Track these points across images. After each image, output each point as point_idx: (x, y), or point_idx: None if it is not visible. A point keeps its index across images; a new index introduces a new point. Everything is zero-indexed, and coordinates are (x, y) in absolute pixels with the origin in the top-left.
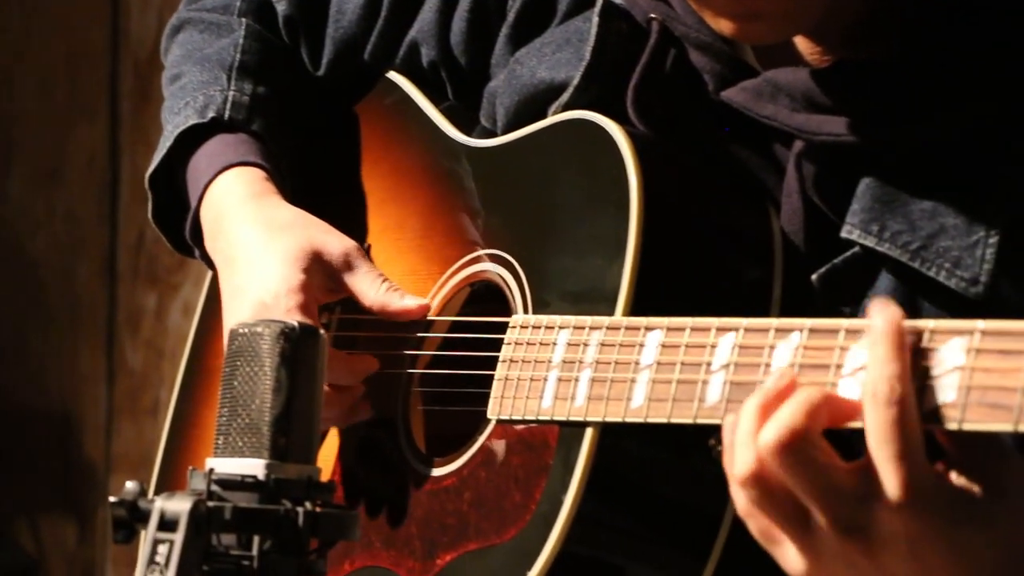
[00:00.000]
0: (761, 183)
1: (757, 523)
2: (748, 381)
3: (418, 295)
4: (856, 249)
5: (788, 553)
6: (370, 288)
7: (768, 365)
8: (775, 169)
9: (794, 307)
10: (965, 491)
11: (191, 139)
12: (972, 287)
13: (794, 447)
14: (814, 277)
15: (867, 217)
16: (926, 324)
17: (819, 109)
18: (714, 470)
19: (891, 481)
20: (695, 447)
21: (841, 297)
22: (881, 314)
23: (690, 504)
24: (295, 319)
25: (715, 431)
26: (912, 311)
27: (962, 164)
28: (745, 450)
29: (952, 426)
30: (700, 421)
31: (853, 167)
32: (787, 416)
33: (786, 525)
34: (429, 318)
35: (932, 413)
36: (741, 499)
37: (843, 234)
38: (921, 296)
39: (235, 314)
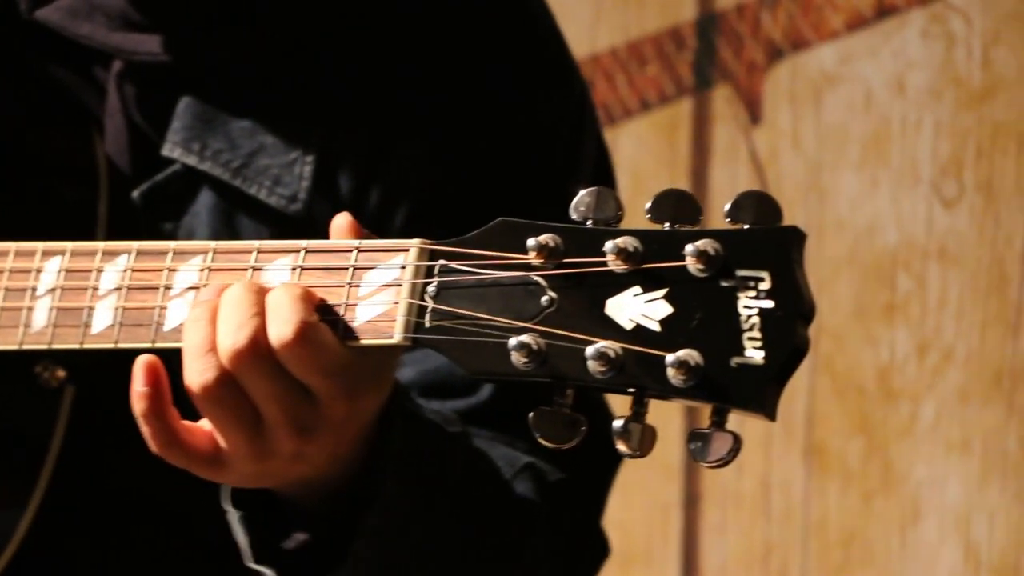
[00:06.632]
0: (83, 105)
1: (216, 427)
2: (75, 307)
3: None
4: (177, 166)
5: (239, 452)
6: None
7: (96, 288)
8: (97, 90)
9: (124, 229)
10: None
11: None
12: (292, 204)
13: (253, 351)
14: (135, 194)
15: (188, 135)
16: (253, 245)
17: (136, 27)
18: (40, 398)
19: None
20: (22, 375)
21: (163, 214)
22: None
23: (17, 432)
24: None
25: (41, 357)
26: (231, 228)
27: (278, 84)
28: (195, 362)
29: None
30: (27, 347)
31: (173, 86)
32: (245, 322)
33: (239, 428)
34: None
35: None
36: (200, 407)
37: (164, 152)
38: (242, 213)
39: None
